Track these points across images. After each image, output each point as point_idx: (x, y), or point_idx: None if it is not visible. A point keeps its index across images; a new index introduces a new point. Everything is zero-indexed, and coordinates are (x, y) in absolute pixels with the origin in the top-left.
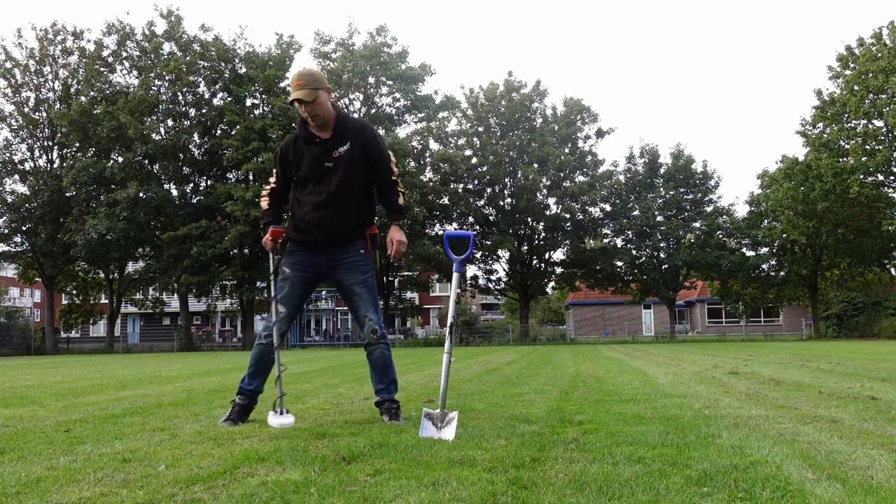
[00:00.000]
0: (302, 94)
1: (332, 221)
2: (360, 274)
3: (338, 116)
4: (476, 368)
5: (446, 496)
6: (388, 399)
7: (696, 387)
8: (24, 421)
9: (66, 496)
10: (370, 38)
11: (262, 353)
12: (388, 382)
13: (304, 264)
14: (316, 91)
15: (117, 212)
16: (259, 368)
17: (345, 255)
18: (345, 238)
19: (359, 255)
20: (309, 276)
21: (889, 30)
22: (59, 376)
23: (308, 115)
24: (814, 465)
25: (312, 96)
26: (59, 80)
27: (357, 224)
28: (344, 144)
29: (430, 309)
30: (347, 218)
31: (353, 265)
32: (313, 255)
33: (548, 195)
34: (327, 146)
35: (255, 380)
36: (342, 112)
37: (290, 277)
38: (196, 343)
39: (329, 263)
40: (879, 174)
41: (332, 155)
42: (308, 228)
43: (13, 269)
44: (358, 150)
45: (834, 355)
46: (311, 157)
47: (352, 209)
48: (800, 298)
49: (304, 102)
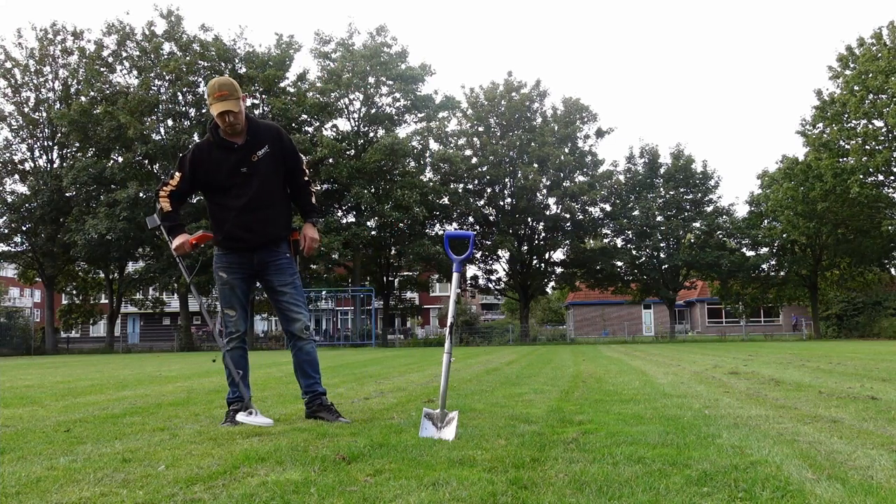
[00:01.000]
0: (230, 104)
1: (261, 224)
2: (290, 276)
3: (249, 120)
4: (476, 368)
5: (446, 496)
6: (322, 392)
7: (696, 387)
8: (24, 421)
9: (66, 496)
10: (370, 38)
11: (237, 358)
12: (319, 377)
13: (236, 266)
14: (238, 101)
15: (117, 212)
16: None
17: (273, 258)
18: (274, 240)
19: (285, 258)
20: (243, 276)
21: (889, 30)
22: (59, 376)
23: (229, 125)
24: (814, 465)
25: (238, 107)
26: (59, 80)
27: (284, 225)
28: (262, 147)
29: (430, 309)
30: (275, 220)
31: (282, 267)
32: (245, 256)
33: (548, 195)
34: (244, 152)
35: (237, 386)
36: (250, 115)
37: (228, 282)
38: (196, 343)
39: (259, 265)
40: (879, 174)
41: (251, 160)
42: (239, 234)
43: (13, 269)
44: (277, 151)
45: (834, 355)
46: (230, 164)
47: (278, 210)
48: (800, 298)
49: (231, 112)
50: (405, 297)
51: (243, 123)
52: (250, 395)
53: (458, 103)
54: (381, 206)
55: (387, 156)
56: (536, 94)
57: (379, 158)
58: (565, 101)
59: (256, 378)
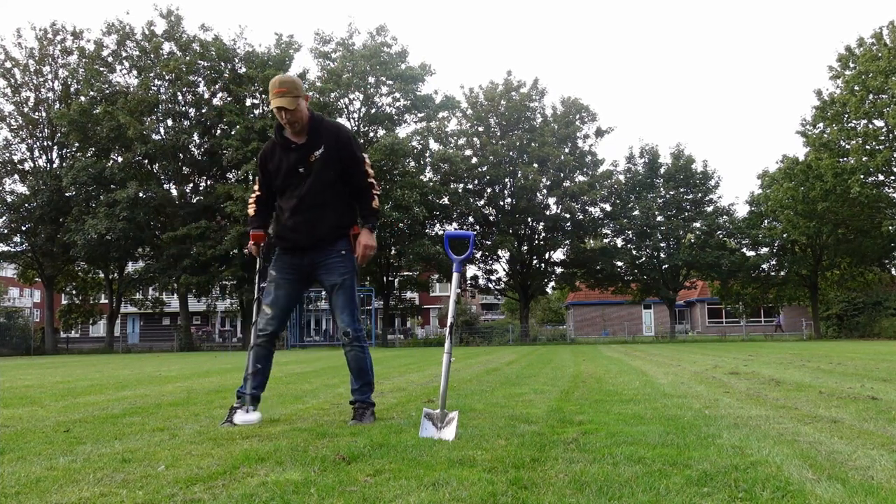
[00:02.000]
0: (285, 101)
1: (307, 225)
2: (339, 276)
3: (312, 120)
4: (476, 368)
5: (446, 496)
6: (359, 400)
7: (697, 387)
8: (23, 421)
9: (65, 496)
10: (370, 37)
11: (258, 355)
12: (362, 384)
13: (288, 267)
14: (297, 99)
15: (117, 212)
16: (258, 370)
17: (324, 257)
18: (323, 240)
19: (339, 257)
20: (293, 278)
21: (889, 30)
22: (59, 376)
23: (287, 122)
24: (814, 465)
25: (294, 104)
26: (58, 79)
27: (335, 226)
28: (319, 148)
29: (430, 309)
30: (323, 221)
31: (333, 267)
32: (296, 258)
33: (548, 195)
34: (303, 151)
35: (255, 381)
36: (316, 115)
37: (275, 280)
38: (196, 343)
39: (311, 265)
40: (880, 174)
41: (308, 160)
42: (287, 234)
43: (13, 269)
44: (333, 152)
45: (834, 355)
46: (290, 163)
47: (327, 212)
48: (800, 298)
49: (286, 110)
50: (405, 297)
51: (304, 123)
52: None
53: (457, 103)
54: (382, 206)
55: (387, 156)
56: (536, 94)
57: (379, 158)
58: (565, 101)
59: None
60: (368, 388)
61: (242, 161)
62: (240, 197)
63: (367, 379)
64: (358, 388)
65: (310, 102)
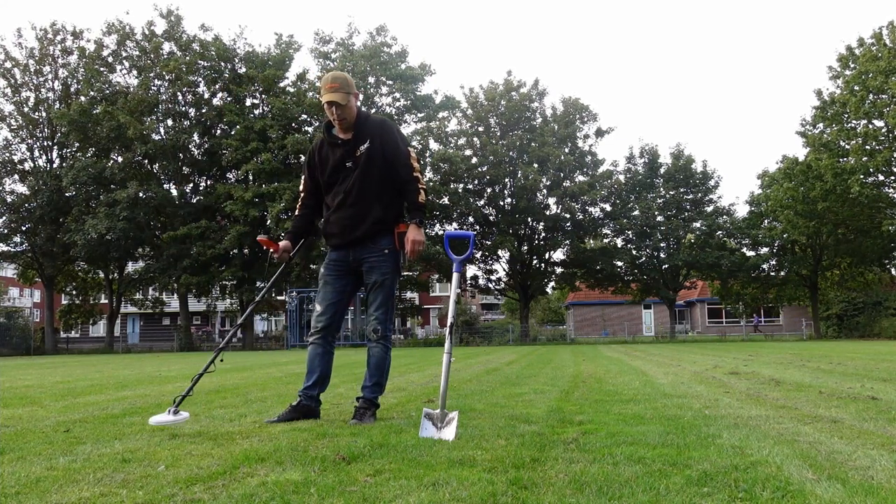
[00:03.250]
0: (338, 97)
1: (350, 221)
2: (380, 275)
3: (359, 116)
4: (476, 368)
5: (446, 496)
6: (367, 398)
7: (697, 387)
8: (23, 421)
9: (65, 496)
10: (370, 37)
11: (309, 356)
12: (374, 384)
13: (335, 263)
14: (348, 95)
15: (117, 212)
16: (310, 370)
17: (368, 255)
18: (365, 237)
19: (381, 255)
20: (340, 272)
21: (889, 30)
22: (59, 376)
23: (336, 118)
24: (814, 465)
25: (346, 100)
26: (58, 79)
27: (377, 222)
28: (364, 143)
29: (430, 309)
30: (365, 217)
31: (375, 265)
32: (342, 253)
33: (548, 195)
34: (349, 147)
35: (307, 381)
36: (363, 112)
37: (323, 277)
38: (196, 343)
39: (355, 262)
40: (880, 174)
41: (354, 155)
42: (331, 230)
43: (13, 269)
44: (377, 147)
45: (834, 355)
46: (335, 159)
47: (370, 208)
48: (800, 298)
49: (337, 105)
50: (405, 297)
51: (352, 119)
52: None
53: (457, 103)
54: None
55: None
56: (536, 94)
57: None
58: (565, 101)
59: (256, 378)
60: (379, 389)
61: (242, 161)
62: (240, 197)
63: (381, 380)
64: (370, 385)
65: (310, 102)
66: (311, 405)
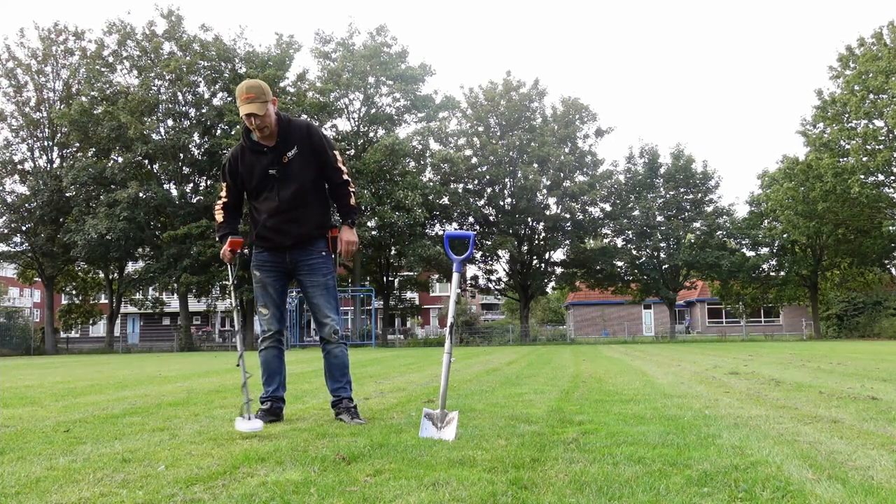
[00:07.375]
0: (254, 107)
1: (290, 225)
2: (322, 276)
3: (280, 121)
4: (476, 368)
5: (446, 496)
6: (346, 397)
7: (697, 387)
8: (23, 421)
9: (65, 496)
10: (370, 37)
11: (266, 359)
12: (347, 382)
13: (270, 265)
14: (265, 104)
15: (117, 212)
16: (270, 373)
17: (306, 257)
18: (306, 240)
19: (320, 257)
20: (277, 274)
21: (889, 30)
22: (59, 376)
23: (257, 129)
24: (814, 465)
25: (264, 110)
26: (60, 79)
27: (317, 224)
28: (291, 149)
29: (430, 309)
30: (305, 220)
31: (315, 267)
32: (278, 256)
33: (548, 195)
34: (276, 153)
35: (270, 385)
36: (283, 116)
37: (261, 280)
38: (196, 343)
39: (292, 264)
40: (880, 174)
41: (282, 162)
42: (269, 235)
43: (13, 269)
44: (306, 151)
45: (834, 355)
46: (262, 167)
47: (309, 211)
48: (800, 298)
49: (255, 115)
50: (405, 297)
51: (273, 127)
52: (250, 398)
53: (457, 103)
54: (382, 207)
55: (387, 156)
56: (535, 94)
57: (379, 158)
58: (564, 101)
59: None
60: (350, 386)
61: None
62: None
63: (349, 377)
64: (342, 385)
65: (310, 102)
66: (282, 406)
